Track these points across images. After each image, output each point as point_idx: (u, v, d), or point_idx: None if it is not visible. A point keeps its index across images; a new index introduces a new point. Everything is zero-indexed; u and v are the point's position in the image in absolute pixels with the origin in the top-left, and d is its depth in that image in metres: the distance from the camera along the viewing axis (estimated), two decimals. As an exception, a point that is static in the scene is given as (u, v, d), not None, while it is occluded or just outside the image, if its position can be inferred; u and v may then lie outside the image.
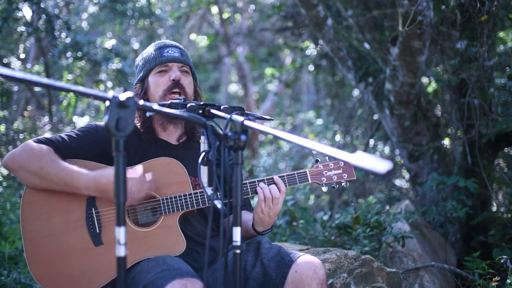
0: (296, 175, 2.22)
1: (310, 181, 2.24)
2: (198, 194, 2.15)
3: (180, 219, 2.17)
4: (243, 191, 2.16)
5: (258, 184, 2.16)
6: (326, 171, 2.26)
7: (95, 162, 2.16)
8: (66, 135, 2.18)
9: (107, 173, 2.03)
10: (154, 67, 2.28)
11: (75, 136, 2.18)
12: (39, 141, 2.11)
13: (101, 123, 2.26)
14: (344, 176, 2.27)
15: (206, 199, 2.14)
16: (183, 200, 2.13)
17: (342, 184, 2.28)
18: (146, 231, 2.12)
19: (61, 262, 2.08)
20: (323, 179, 2.25)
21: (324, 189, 2.28)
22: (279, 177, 2.19)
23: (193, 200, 2.14)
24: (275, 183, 2.15)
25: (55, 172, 2.03)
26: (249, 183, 2.18)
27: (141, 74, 2.33)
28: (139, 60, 2.39)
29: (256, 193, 2.14)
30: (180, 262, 2.04)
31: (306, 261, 2.06)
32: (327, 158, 2.28)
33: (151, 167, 2.14)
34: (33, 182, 2.08)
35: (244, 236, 2.31)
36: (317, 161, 2.28)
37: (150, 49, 2.36)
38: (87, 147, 2.17)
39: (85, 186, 2.02)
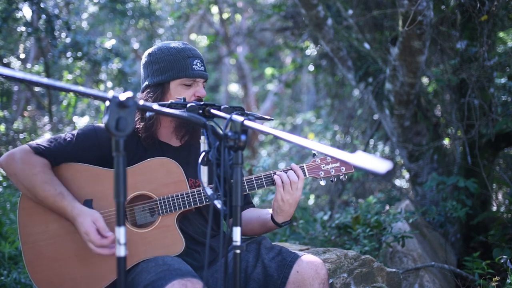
0: None
1: (307, 176, 2.22)
2: (195, 193, 2.14)
3: (180, 219, 2.17)
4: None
5: (274, 173, 2.16)
6: (324, 165, 2.24)
7: (93, 166, 2.15)
8: (64, 139, 2.15)
9: (84, 216, 2.00)
10: (182, 77, 2.18)
11: (73, 139, 2.15)
12: (37, 152, 2.08)
13: (100, 125, 2.24)
14: (342, 169, 2.24)
15: (203, 197, 2.14)
16: (180, 200, 2.13)
17: (341, 177, 2.26)
18: (144, 232, 2.11)
19: (60, 266, 2.08)
20: (321, 173, 2.23)
21: (322, 183, 2.25)
22: (276, 173, 2.18)
23: (190, 199, 2.13)
24: (292, 170, 2.15)
25: (44, 195, 2.04)
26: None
27: (162, 77, 2.19)
28: (157, 57, 2.22)
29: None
30: (180, 262, 2.04)
31: (308, 261, 2.06)
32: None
33: (146, 167, 2.14)
34: (23, 191, 2.10)
35: (260, 231, 2.31)
36: (314, 155, 2.24)
37: (173, 52, 2.21)
38: (86, 150, 2.15)
39: (68, 217, 2.05)
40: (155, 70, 2.22)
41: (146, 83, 2.25)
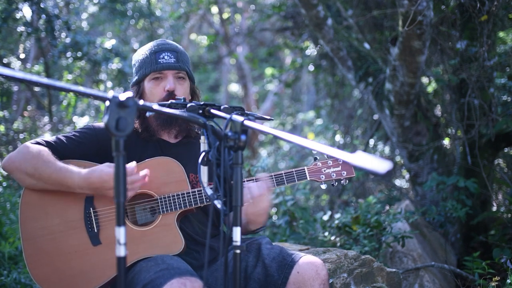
0: (294, 172, 2.20)
1: (308, 179, 2.21)
2: (196, 193, 2.15)
3: (180, 218, 2.17)
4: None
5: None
6: (325, 169, 2.23)
7: (93, 163, 2.16)
8: (64, 136, 2.18)
9: (98, 170, 2.01)
10: (149, 73, 2.23)
11: (73, 137, 2.18)
12: (36, 143, 2.12)
13: (99, 124, 2.27)
14: (343, 173, 2.24)
15: (204, 197, 2.14)
16: (181, 199, 2.13)
17: (342, 181, 2.24)
18: (144, 230, 2.12)
19: (60, 261, 2.08)
20: (322, 177, 2.22)
21: (323, 186, 2.24)
22: (277, 175, 2.18)
23: (191, 199, 2.14)
24: (257, 182, 2.13)
25: (49, 172, 2.03)
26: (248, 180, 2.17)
27: (136, 77, 2.29)
28: (135, 60, 2.33)
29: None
30: (179, 261, 2.05)
31: (308, 262, 2.06)
32: (325, 155, 2.24)
33: (148, 167, 2.15)
34: (29, 183, 2.09)
35: (243, 233, 2.30)
36: (315, 158, 2.24)
37: (145, 50, 2.30)
38: (85, 148, 2.17)
39: (78, 185, 2.03)
40: (134, 71, 2.33)
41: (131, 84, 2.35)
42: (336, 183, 2.25)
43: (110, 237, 2.11)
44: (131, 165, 2.04)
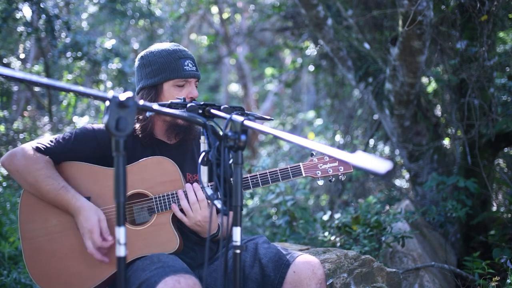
0: (289, 169, 2.18)
1: (304, 175, 2.18)
2: None
3: (176, 218, 2.18)
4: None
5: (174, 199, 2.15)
6: (321, 164, 2.19)
7: (91, 164, 2.18)
8: (63, 137, 2.19)
9: (87, 211, 2.06)
10: (174, 78, 2.21)
11: (72, 139, 2.18)
12: (39, 150, 2.13)
13: (98, 125, 2.28)
14: (340, 169, 2.20)
15: None
16: (175, 198, 2.14)
17: (339, 177, 2.21)
18: (139, 229, 2.14)
19: (58, 261, 2.11)
20: (318, 173, 2.19)
21: (320, 182, 2.20)
22: (272, 171, 2.16)
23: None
24: (188, 193, 2.13)
25: (47, 189, 2.07)
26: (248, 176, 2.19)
27: (155, 79, 2.22)
28: (151, 60, 2.25)
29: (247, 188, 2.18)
30: (175, 259, 2.06)
31: (304, 261, 2.06)
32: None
33: (143, 166, 2.16)
34: (27, 189, 2.14)
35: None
36: (312, 154, 2.21)
37: (165, 54, 2.24)
38: (84, 149, 2.18)
39: (70, 212, 2.10)
40: (148, 72, 2.25)
41: (140, 85, 2.28)
42: (334, 178, 2.21)
43: None
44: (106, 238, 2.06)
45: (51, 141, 2.17)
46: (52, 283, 2.10)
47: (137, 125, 2.24)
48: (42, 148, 2.13)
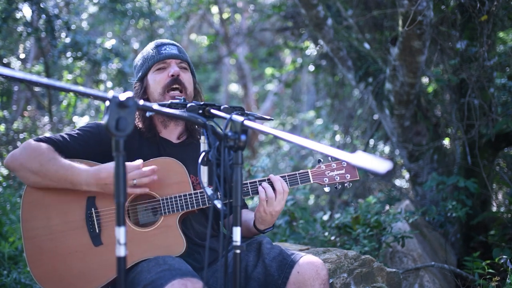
0: (297, 175, 2.20)
1: (312, 182, 2.20)
2: (198, 194, 2.14)
3: (181, 220, 2.17)
4: (243, 191, 2.16)
5: (259, 184, 2.14)
6: (329, 171, 2.22)
7: (95, 162, 2.15)
8: (67, 134, 2.18)
9: (108, 166, 2.03)
10: (153, 64, 2.29)
11: (76, 135, 2.17)
12: (39, 140, 2.11)
13: (102, 122, 2.26)
14: (347, 176, 2.23)
15: (206, 199, 2.14)
16: (183, 200, 2.12)
17: (345, 184, 2.23)
18: (145, 231, 2.12)
19: (61, 261, 2.08)
20: (325, 180, 2.21)
21: (326, 189, 2.23)
22: (281, 177, 2.18)
23: (193, 200, 2.14)
24: (275, 183, 2.13)
25: (55, 169, 2.03)
26: (250, 183, 2.17)
27: (140, 73, 2.33)
28: (137, 59, 2.39)
29: (257, 193, 2.12)
30: (180, 262, 2.04)
31: (308, 262, 2.06)
32: (329, 158, 2.22)
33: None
34: (34, 181, 2.08)
35: (245, 235, 2.30)
36: (319, 161, 2.23)
37: (148, 48, 2.37)
38: (88, 146, 2.17)
39: (86, 181, 2.02)
40: (136, 70, 2.38)
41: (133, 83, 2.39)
42: (340, 186, 2.24)
43: (112, 237, 2.10)
44: (138, 162, 2.05)
45: (54, 136, 2.17)
46: (55, 283, 2.07)
47: (141, 124, 2.26)
48: (43, 138, 2.13)
